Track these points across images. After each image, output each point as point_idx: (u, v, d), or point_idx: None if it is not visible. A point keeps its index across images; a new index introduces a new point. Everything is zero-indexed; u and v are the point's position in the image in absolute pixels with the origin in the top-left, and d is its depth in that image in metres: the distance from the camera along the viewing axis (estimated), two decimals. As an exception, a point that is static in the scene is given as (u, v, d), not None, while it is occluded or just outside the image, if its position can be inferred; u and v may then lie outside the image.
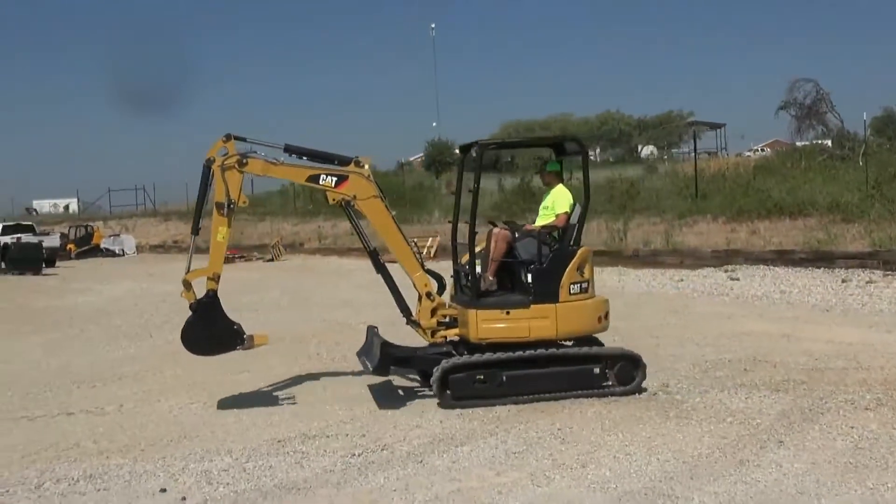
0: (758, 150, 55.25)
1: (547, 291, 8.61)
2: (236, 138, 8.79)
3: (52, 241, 37.29)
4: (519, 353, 8.51)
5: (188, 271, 8.72)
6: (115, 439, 7.82)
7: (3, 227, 39.15)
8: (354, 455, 7.02)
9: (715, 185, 29.09)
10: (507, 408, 8.34)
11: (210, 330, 8.71)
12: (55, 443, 7.77)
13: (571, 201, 9.26)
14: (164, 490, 6.34)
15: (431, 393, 8.59)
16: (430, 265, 9.32)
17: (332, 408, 8.73)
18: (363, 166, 8.99)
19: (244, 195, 8.91)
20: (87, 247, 43.16)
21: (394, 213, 9.19)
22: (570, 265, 8.69)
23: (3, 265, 31.95)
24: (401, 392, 9.36)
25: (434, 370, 8.53)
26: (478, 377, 8.45)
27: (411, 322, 9.23)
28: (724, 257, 21.22)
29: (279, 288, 22.00)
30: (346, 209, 9.13)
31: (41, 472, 6.87)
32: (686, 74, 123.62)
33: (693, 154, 36.97)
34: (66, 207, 68.21)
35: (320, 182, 8.97)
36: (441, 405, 8.44)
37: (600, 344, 9.21)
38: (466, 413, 8.19)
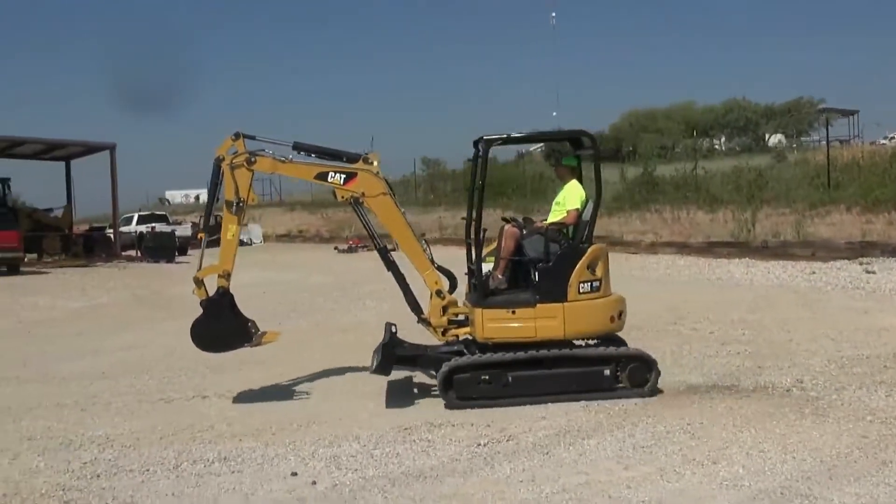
0: (895, 138, 52.82)
1: (554, 290, 8.37)
2: (245, 136, 8.86)
3: (184, 230, 38.73)
4: (520, 354, 8.28)
5: (199, 269, 8.93)
6: (247, 423, 8.03)
7: (139, 216, 40.83)
8: (480, 445, 7.02)
9: (849, 174, 27.92)
10: (633, 401, 8.20)
11: (217, 327, 8.88)
12: (191, 425, 8.03)
13: (583, 198, 8.97)
14: (294, 474, 6.47)
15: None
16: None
17: (457, 397, 8.75)
18: (372, 163, 8.91)
19: (254, 193, 9.03)
20: (216, 236, 44.52)
21: (403, 210, 9.08)
22: (580, 263, 8.42)
23: (138, 253, 33.31)
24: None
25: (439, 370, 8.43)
26: (483, 378, 8.27)
27: (422, 320, 9.05)
28: (858, 249, 20.38)
29: (401, 277, 22.23)
30: (355, 206, 9.06)
31: (178, 452, 7.11)
32: (816, 59, 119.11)
33: (824, 142, 35.64)
34: (197, 197, 70.47)
35: (329, 179, 8.95)
36: (447, 406, 8.27)
37: (623, 344, 8.84)
38: (592, 405, 8.10)
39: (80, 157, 37.29)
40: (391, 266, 9.05)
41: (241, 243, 41.53)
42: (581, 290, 8.39)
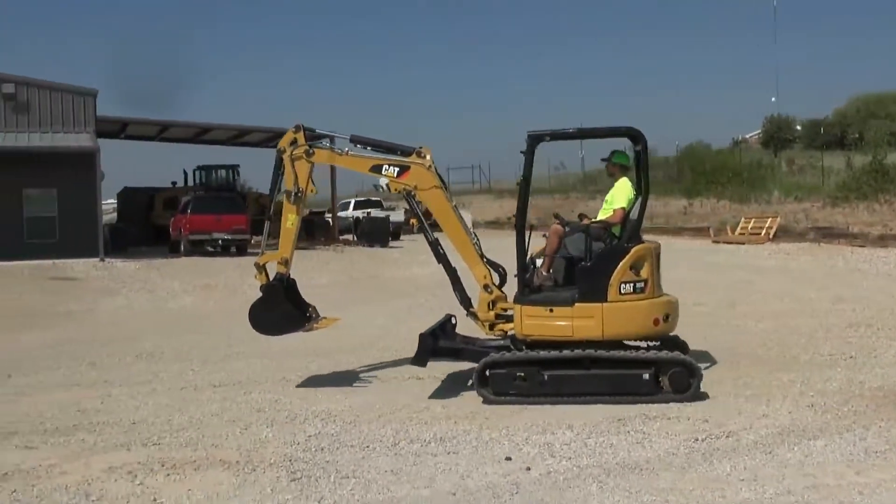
0: None
1: (593, 290, 8.17)
2: (306, 129, 9.22)
3: (397, 216, 39.82)
4: (552, 353, 8.15)
5: (261, 255, 9.36)
6: (462, 406, 8.16)
7: (355, 202, 42.39)
8: (698, 440, 6.81)
9: None
10: (864, 402, 7.73)
11: (272, 312, 9.23)
12: (407, 405, 8.25)
13: (631, 196, 8.76)
14: (509, 458, 6.50)
15: None
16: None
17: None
18: (424, 157, 9.00)
19: (312, 184, 9.27)
20: (428, 222, 45.54)
21: (454, 203, 9.15)
22: (622, 263, 8.15)
23: (355, 238, 34.61)
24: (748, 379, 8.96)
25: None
26: (518, 374, 8.13)
27: (470, 313, 9.02)
28: None
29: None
30: (409, 199, 9.25)
31: (396, 431, 7.31)
32: None
33: None
34: (409, 184, 72.42)
35: (383, 172, 9.12)
36: (484, 401, 8.18)
37: (683, 347, 8.72)
38: (818, 404, 7.70)
39: (303, 144, 39.04)
40: (441, 258, 9.20)
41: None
42: (622, 291, 8.15)
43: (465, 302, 9.08)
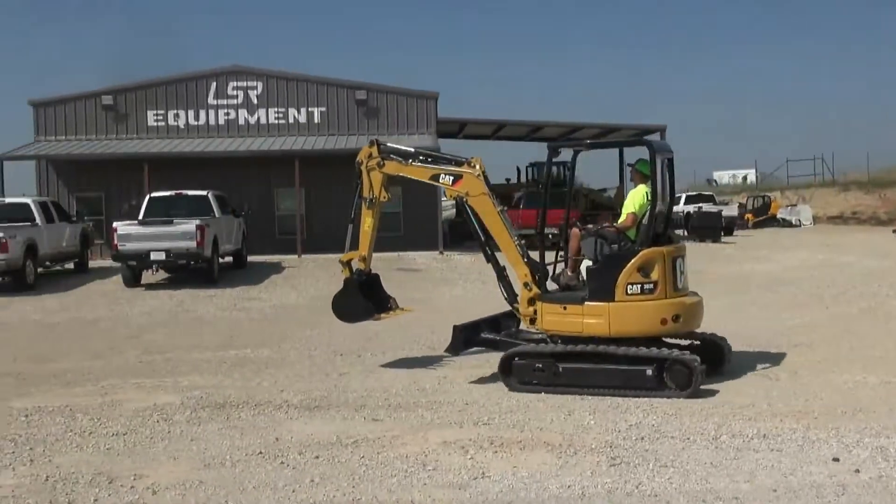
0: None
1: (601, 290, 8.77)
2: (379, 144, 10.41)
3: (730, 210, 38.64)
4: (559, 347, 8.85)
5: (345, 252, 10.48)
6: (789, 404, 7.95)
7: (686, 196, 41.63)
8: None
9: None
10: None
11: (348, 302, 10.43)
12: (729, 401, 8.18)
13: (643, 202, 9.25)
14: (836, 459, 6.28)
15: None
16: None
17: None
18: (475, 166, 9.83)
19: (386, 192, 10.41)
20: (764, 216, 43.72)
21: (500, 208, 9.77)
22: (629, 265, 8.69)
23: (685, 232, 34.05)
24: None
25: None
26: (537, 365, 8.71)
27: (514, 309, 9.74)
28: None
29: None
30: (461, 204, 9.92)
31: (718, 425, 7.28)
32: None
33: None
34: (745, 178, 69.68)
35: (440, 180, 10.06)
36: (510, 389, 8.80)
37: (720, 347, 9.30)
38: None
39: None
40: (490, 258, 9.91)
41: (790, 225, 40.74)
42: (629, 292, 8.69)
43: (511, 297, 9.78)
